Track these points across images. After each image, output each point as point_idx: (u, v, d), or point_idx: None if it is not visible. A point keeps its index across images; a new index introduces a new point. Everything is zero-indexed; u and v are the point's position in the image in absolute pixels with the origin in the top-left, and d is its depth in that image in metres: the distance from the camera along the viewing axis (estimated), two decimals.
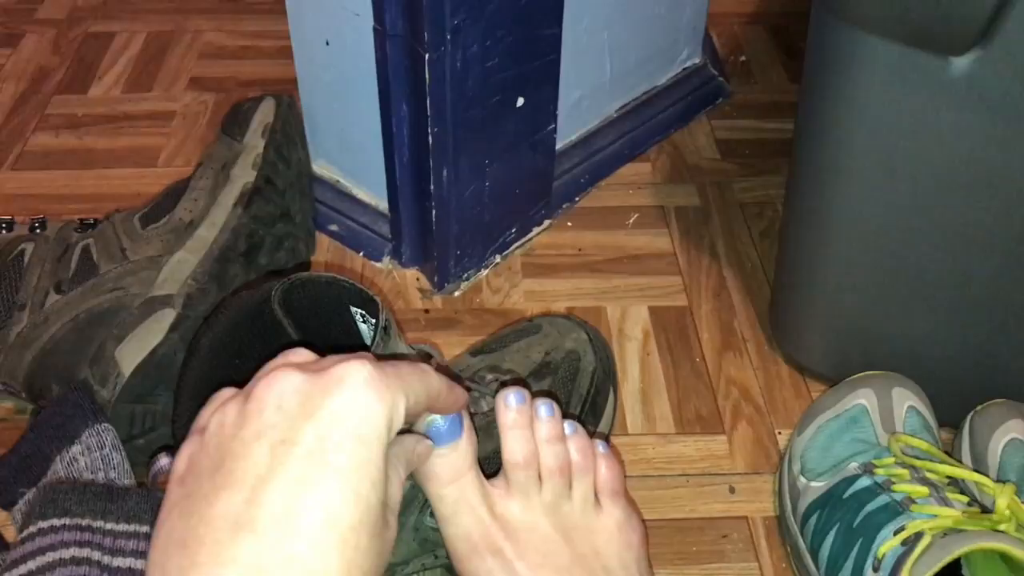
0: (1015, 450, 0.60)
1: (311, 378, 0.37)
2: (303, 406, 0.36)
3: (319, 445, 0.35)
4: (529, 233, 0.85)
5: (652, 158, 0.94)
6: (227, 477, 0.35)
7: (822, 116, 0.60)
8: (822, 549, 0.57)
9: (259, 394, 0.37)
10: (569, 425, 0.51)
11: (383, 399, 0.37)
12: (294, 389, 0.37)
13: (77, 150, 0.94)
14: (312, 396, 0.37)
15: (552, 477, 0.49)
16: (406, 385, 0.39)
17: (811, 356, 0.72)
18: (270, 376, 0.38)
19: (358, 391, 0.37)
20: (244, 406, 0.37)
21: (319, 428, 0.36)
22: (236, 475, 0.35)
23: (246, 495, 0.35)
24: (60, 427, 0.60)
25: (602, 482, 0.50)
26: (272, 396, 0.37)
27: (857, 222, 0.62)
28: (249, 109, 0.76)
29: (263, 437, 0.36)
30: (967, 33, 0.51)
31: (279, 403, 0.37)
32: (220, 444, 0.37)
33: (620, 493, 0.51)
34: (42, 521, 0.53)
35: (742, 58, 1.08)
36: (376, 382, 0.37)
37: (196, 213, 0.69)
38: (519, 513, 0.48)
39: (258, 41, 1.10)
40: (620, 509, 0.50)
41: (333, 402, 0.36)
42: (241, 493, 0.35)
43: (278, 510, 0.34)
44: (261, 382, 0.38)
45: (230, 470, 0.36)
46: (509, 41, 0.70)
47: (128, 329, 0.64)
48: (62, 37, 1.10)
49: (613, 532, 0.49)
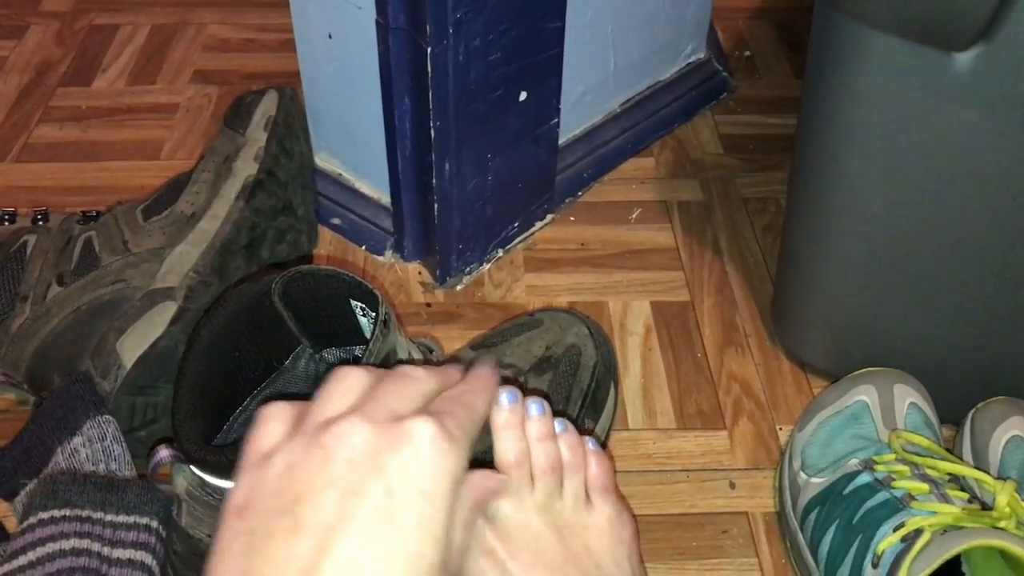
0: (1016, 447, 0.60)
1: (380, 432, 0.39)
2: (371, 459, 0.38)
3: (386, 501, 0.37)
4: (531, 227, 0.85)
5: (655, 153, 0.94)
6: (295, 521, 0.37)
7: (824, 111, 0.60)
8: (822, 545, 0.57)
9: (329, 443, 0.38)
10: (559, 423, 0.51)
11: (448, 455, 0.39)
12: (363, 442, 0.38)
13: (80, 142, 0.94)
14: (380, 451, 0.38)
15: (544, 476, 0.49)
16: (466, 432, 0.41)
17: (813, 352, 0.72)
18: (341, 427, 0.39)
19: (424, 448, 0.38)
20: (312, 452, 0.39)
21: (387, 483, 0.37)
22: (305, 521, 0.36)
23: (315, 543, 0.36)
24: (61, 419, 0.60)
25: (592, 479, 0.50)
26: (342, 448, 0.38)
27: (859, 218, 0.62)
28: (252, 102, 0.76)
29: (332, 487, 0.37)
30: (970, 29, 0.51)
31: (349, 455, 0.38)
32: (287, 487, 0.38)
33: (610, 490, 0.51)
34: (42, 512, 0.53)
35: (746, 53, 1.07)
36: (441, 439, 0.39)
37: (198, 206, 0.69)
38: (511, 512, 0.48)
39: (261, 34, 1.10)
40: (611, 506, 0.50)
41: (400, 458, 0.38)
42: (310, 540, 0.36)
43: (344, 561, 0.35)
44: (332, 431, 0.39)
45: (298, 514, 0.37)
46: (512, 35, 0.70)
47: (129, 321, 0.64)
48: (66, 29, 1.10)
49: (605, 529, 0.49)
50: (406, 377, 0.43)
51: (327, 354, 0.56)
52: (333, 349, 0.56)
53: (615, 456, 0.68)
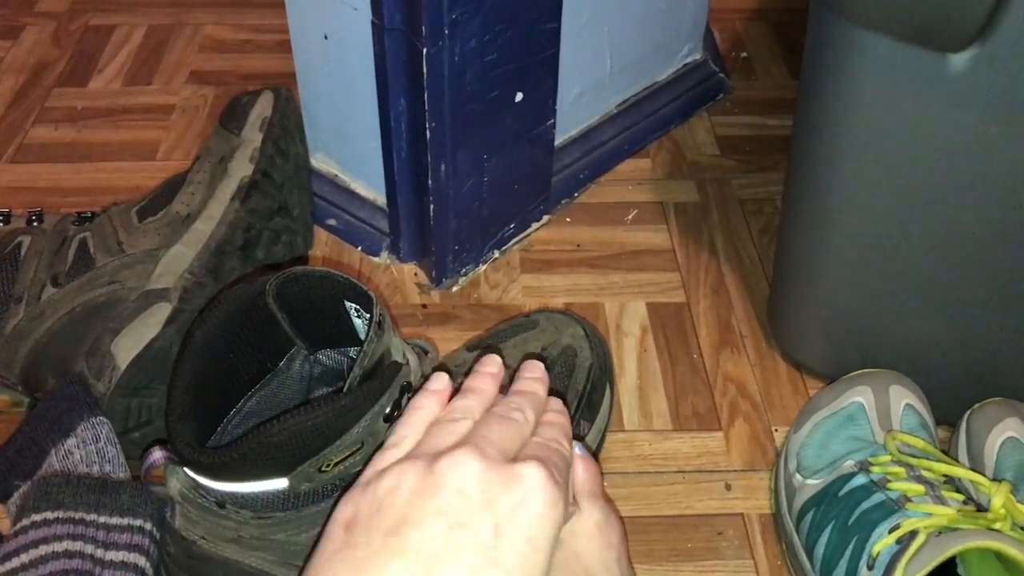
0: (1012, 449, 0.60)
1: (493, 470, 0.39)
2: (484, 496, 0.38)
3: (493, 539, 0.37)
4: (527, 228, 0.85)
5: (652, 154, 0.94)
6: (403, 543, 0.37)
7: (820, 113, 0.60)
8: (817, 547, 0.57)
9: (442, 471, 0.39)
10: None
11: (557, 504, 0.40)
12: (477, 478, 0.39)
13: (76, 143, 0.94)
14: (493, 490, 0.39)
15: None
16: (567, 480, 0.42)
17: (809, 353, 0.72)
18: (456, 457, 0.39)
19: (535, 498, 0.39)
20: (425, 477, 0.39)
21: (496, 521, 0.38)
22: (412, 545, 0.37)
23: (420, 569, 0.36)
24: (55, 420, 0.60)
25: (580, 484, 0.50)
26: (455, 478, 0.39)
27: (854, 219, 0.62)
28: (247, 103, 0.76)
29: (442, 515, 0.38)
30: (965, 30, 0.51)
31: (461, 487, 0.38)
32: (396, 507, 0.38)
33: (598, 494, 0.51)
34: (36, 514, 0.53)
35: (743, 54, 1.07)
36: (551, 487, 0.40)
37: (193, 207, 0.69)
38: None
39: (258, 35, 1.10)
40: (599, 510, 0.50)
41: (512, 502, 0.38)
42: (416, 565, 0.36)
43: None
44: (445, 460, 0.39)
45: (406, 537, 0.37)
46: (508, 36, 0.70)
47: (124, 322, 0.64)
48: (62, 30, 1.10)
49: (593, 533, 0.49)
50: (509, 418, 0.43)
51: (322, 355, 0.56)
52: (328, 350, 0.56)
53: (611, 457, 0.68)
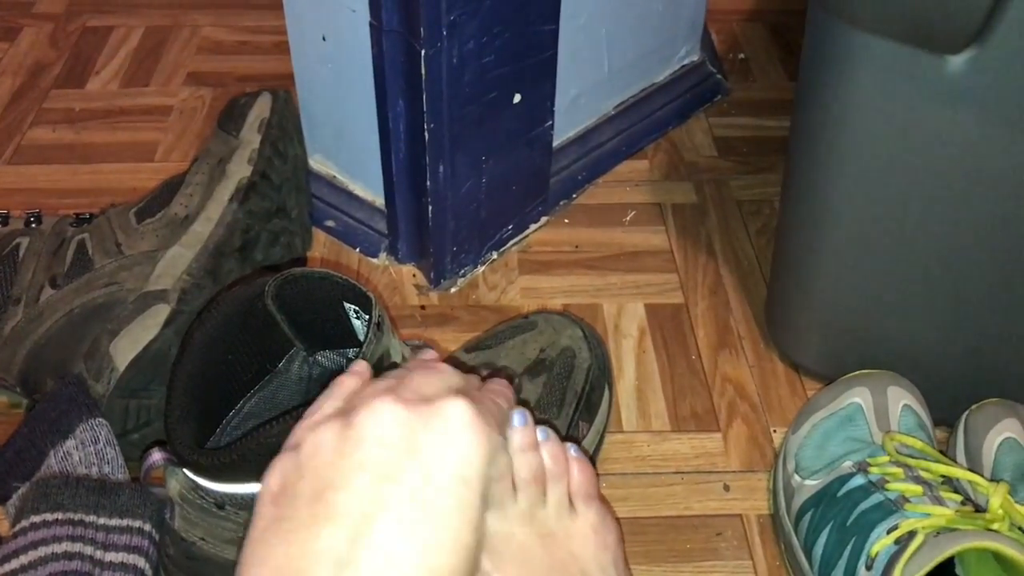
0: (1009, 449, 0.60)
1: (414, 413, 0.37)
2: (406, 441, 0.36)
3: (423, 486, 0.35)
4: (526, 230, 0.85)
5: (649, 155, 0.94)
6: (329, 509, 0.35)
7: (817, 114, 0.60)
8: (816, 547, 0.57)
9: (360, 423, 0.37)
10: (541, 431, 0.50)
11: (485, 439, 0.38)
12: (396, 423, 0.37)
13: (74, 144, 0.94)
14: (415, 432, 0.36)
15: (527, 486, 0.48)
16: (498, 419, 0.40)
17: (807, 354, 0.72)
18: (372, 406, 0.37)
19: (461, 432, 0.37)
20: (344, 432, 0.37)
21: (423, 467, 0.36)
22: (338, 508, 0.35)
23: (349, 533, 0.34)
24: (54, 422, 0.60)
25: (576, 486, 0.50)
26: (374, 428, 0.36)
27: (852, 220, 0.62)
28: (245, 104, 0.76)
29: (365, 470, 0.36)
30: (963, 32, 0.51)
31: (381, 436, 0.36)
32: (319, 471, 0.36)
33: (594, 496, 0.51)
34: (35, 515, 0.53)
35: (741, 55, 1.08)
36: (478, 422, 0.37)
37: (191, 208, 0.69)
38: (494, 523, 0.47)
39: (256, 36, 1.10)
40: (594, 512, 0.50)
41: (437, 441, 0.36)
42: (344, 530, 0.34)
43: (381, 551, 0.34)
44: (363, 411, 0.37)
45: (331, 502, 0.35)
46: (506, 37, 0.70)
47: (123, 324, 0.64)
48: (60, 31, 1.10)
49: (589, 535, 0.49)
50: (434, 367, 0.42)
51: (320, 357, 0.56)
52: (327, 352, 0.56)
53: (610, 458, 0.68)
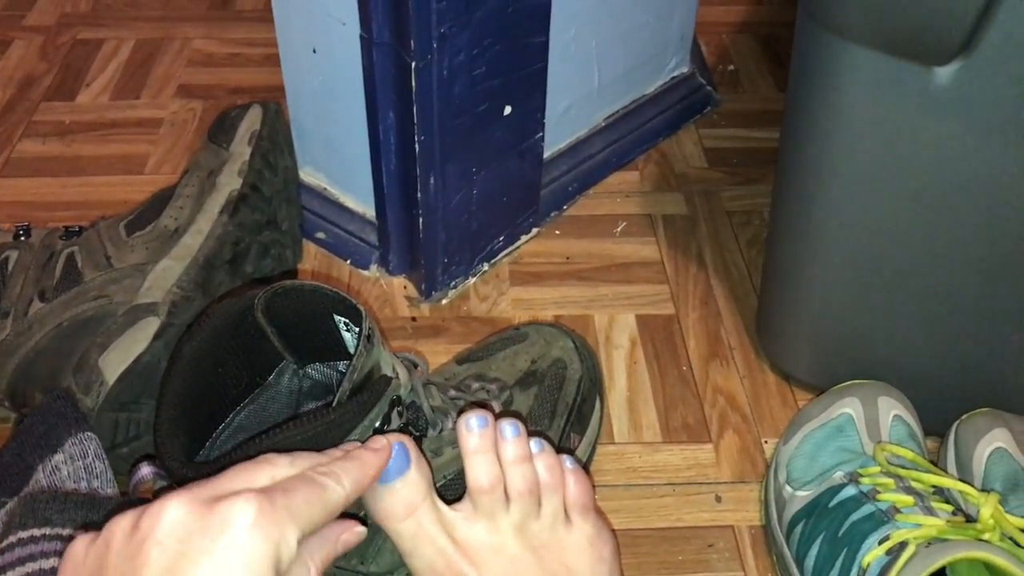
0: (1000, 459, 0.60)
1: (196, 514, 0.36)
2: (184, 544, 0.35)
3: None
4: (517, 241, 0.85)
5: (640, 167, 0.94)
6: None
7: (806, 125, 0.60)
8: (807, 558, 0.57)
9: (144, 524, 0.36)
10: (536, 443, 0.50)
11: (269, 538, 0.36)
12: (176, 523, 0.36)
13: (64, 157, 0.94)
14: (193, 535, 0.36)
15: (520, 498, 0.48)
16: (297, 514, 0.38)
17: (797, 365, 0.72)
18: (155, 506, 0.37)
19: (243, 534, 0.36)
20: (131, 532, 0.37)
21: (201, 570, 0.35)
22: None
23: None
24: (43, 436, 0.59)
25: (571, 498, 0.50)
26: (155, 530, 0.36)
27: (842, 231, 0.62)
28: (236, 116, 0.76)
29: (145, 570, 0.35)
30: (950, 43, 0.51)
31: (161, 538, 0.36)
32: (103, 569, 0.36)
33: (590, 508, 0.51)
34: (22, 531, 0.53)
35: (730, 67, 1.08)
36: (262, 522, 0.36)
37: (181, 220, 0.69)
38: (485, 536, 0.47)
39: (246, 49, 1.10)
40: (590, 524, 0.50)
41: (216, 545, 0.35)
42: None
43: None
44: (148, 511, 0.37)
45: None
46: (496, 49, 0.70)
47: (112, 337, 0.63)
48: (50, 44, 1.10)
49: (584, 547, 0.49)
50: (269, 460, 0.40)
51: (311, 370, 0.56)
52: (317, 364, 0.56)
53: (601, 470, 0.68)
